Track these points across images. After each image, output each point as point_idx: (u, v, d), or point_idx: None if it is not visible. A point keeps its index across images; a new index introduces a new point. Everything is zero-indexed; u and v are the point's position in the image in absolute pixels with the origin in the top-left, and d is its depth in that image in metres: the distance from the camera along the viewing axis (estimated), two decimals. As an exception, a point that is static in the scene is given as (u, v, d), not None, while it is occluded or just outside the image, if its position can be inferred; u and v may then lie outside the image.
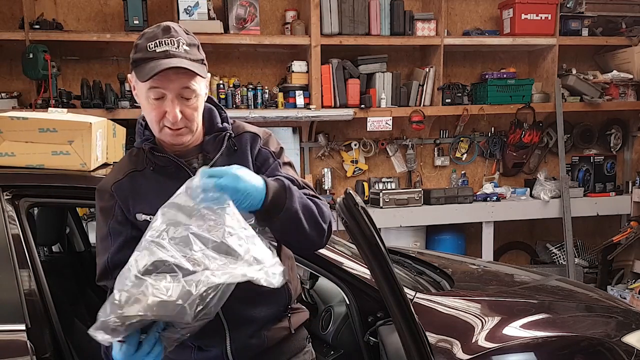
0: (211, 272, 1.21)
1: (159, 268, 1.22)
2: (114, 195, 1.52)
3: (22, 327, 1.79)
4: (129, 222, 1.51)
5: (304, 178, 5.12)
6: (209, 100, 1.60)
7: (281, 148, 1.61)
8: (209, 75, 1.52)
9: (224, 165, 1.46)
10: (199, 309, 1.19)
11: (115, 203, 1.52)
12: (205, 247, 1.24)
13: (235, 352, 1.53)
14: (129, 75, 1.51)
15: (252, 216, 1.37)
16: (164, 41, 1.41)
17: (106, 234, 1.52)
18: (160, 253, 1.22)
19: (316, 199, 1.49)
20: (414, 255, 2.92)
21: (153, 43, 1.41)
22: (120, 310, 1.17)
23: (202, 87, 1.47)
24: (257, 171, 1.51)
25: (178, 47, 1.42)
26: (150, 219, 1.43)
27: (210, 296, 1.20)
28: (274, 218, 1.37)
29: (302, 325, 1.68)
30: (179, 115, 1.42)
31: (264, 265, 1.24)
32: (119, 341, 1.22)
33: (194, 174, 1.44)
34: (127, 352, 1.23)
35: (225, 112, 1.60)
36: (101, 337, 1.18)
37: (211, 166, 1.48)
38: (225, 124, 1.57)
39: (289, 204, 1.37)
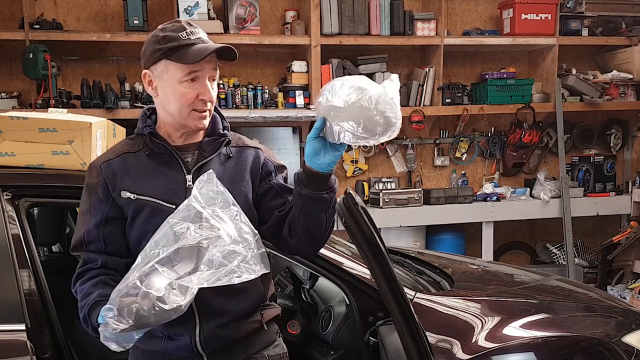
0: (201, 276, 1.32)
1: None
2: (101, 172, 1.58)
3: (22, 327, 1.79)
4: (110, 201, 1.57)
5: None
6: (214, 109, 1.68)
7: (283, 166, 1.74)
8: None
9: (217, 168, 1.59)
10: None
11: (100, 181, 1.58)
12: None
13: (204, 341, 1.56)
14: (145, 71, 1.57)
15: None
16: (193, 31, 1.53)
17: (87, 210, 1.58)
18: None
19: None
20: (414, 255, 2.93)
21: (184, 32, 1.52)
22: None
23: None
24: (262, 180, 1.64)
25: (205, 36, 1.55)
26: (133, 197, 1.54)
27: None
28: (324, 191, 1.52)
29: (273, 320, 1.72)
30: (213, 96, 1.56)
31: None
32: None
33: (186, 167, 1.58)
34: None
35: (227, 123, 1.69)
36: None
37: (204, 164, 1.59)
38: (226, 132, 1.66)
39: (336, 191, 1.55)
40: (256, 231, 1.42)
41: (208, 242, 1.34)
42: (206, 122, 1.59)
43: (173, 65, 1.51)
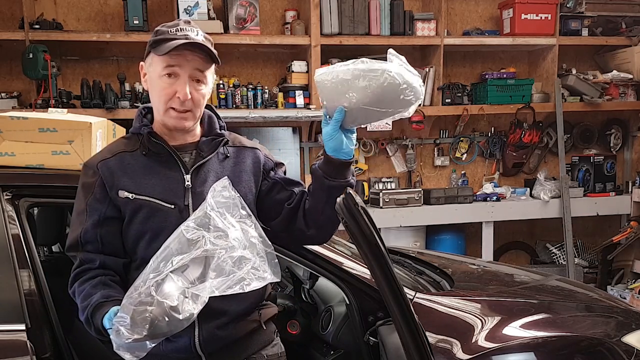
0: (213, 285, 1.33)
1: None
2: (98, 172, 1.57)
3: (22, 327, 1.78)
4: (107, 200, 1.56)
5: (304, 178, 5.10)
6: (210, 108, 1.69)
7: (281, 163, 1.75)
8: (216, 77, 1.59)
9: (215, 168, 1.60)
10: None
11: (97, 180, 1.57)
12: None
13: (203, 342, 1.56)
14: (142, 63, 1.59)
15: None
16: (185, 28, 1.53)
17: (83, 209, 1.57)
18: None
19: None
20: (414, 255, 2.92)
21: (174, 28, 1.53)
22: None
23: (210, 78, 1.58)
24: (264, 178, 1.66)
25: (197, 35, 1.53)
26: (132, 197, 1.53)
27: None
28: (350, 177, 1.58)
29: (271, 320, 1.73)
30: (189, 95, 1.51)
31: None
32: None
33: (184, 167, 1.58)
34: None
35: (223, 123, 1.70)
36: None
37: (202, 164, 1.59)
38: (223, 131, 1.67)
39: (352, 182, 1.60)
40: (269, 242, 1.43)
41: (222, 252, 1.34)
42: (187, 123, 1.57)
43: (156, 58, 1.53)
